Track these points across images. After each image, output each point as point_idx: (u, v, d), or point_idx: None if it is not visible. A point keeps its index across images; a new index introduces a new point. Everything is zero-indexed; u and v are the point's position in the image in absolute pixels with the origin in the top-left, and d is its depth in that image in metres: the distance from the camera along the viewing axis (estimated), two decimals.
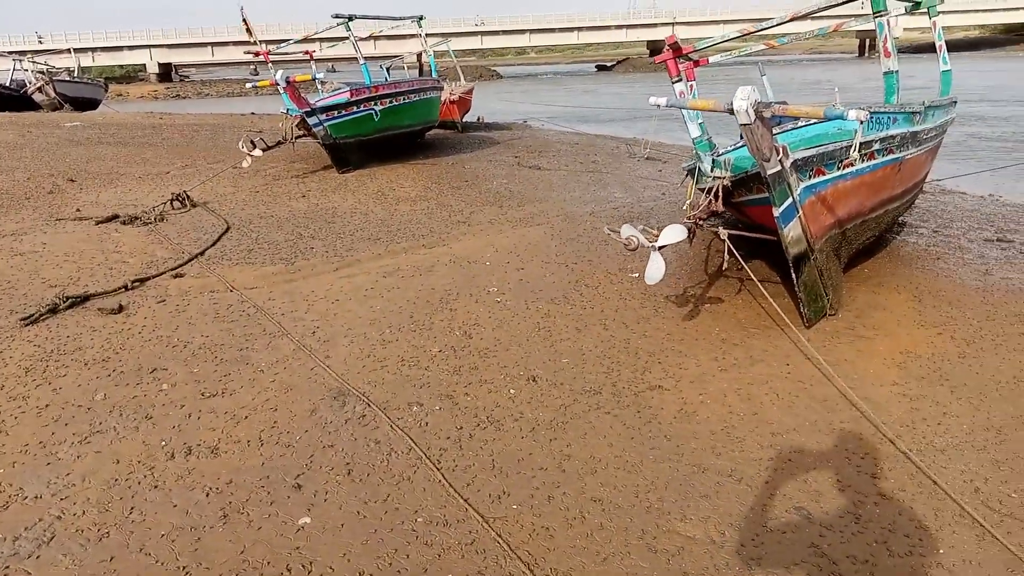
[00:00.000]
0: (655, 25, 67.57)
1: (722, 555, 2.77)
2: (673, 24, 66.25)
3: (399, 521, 3.01)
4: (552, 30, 68.59)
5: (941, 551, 2.77)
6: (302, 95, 11.24)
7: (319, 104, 11.51)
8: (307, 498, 3.18)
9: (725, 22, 63.26)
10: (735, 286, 5.72)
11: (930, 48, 8.22)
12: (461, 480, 3.27)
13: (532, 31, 68.00)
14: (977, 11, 66.81)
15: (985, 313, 5.09)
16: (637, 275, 6.04)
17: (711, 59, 8.18)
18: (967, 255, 6.48)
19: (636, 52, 75.48)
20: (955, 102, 7.30)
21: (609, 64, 74.67)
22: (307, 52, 17.81)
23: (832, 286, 5.07)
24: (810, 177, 4.72)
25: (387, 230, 7.85)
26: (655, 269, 4.58)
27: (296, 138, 11.96)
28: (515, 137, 16.89)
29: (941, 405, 3.85)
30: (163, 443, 3.65)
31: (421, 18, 15.45)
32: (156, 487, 3.29)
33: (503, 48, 76.73)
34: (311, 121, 11.32)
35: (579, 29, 68.66)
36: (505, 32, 67.35)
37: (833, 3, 5.95)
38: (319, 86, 15.25)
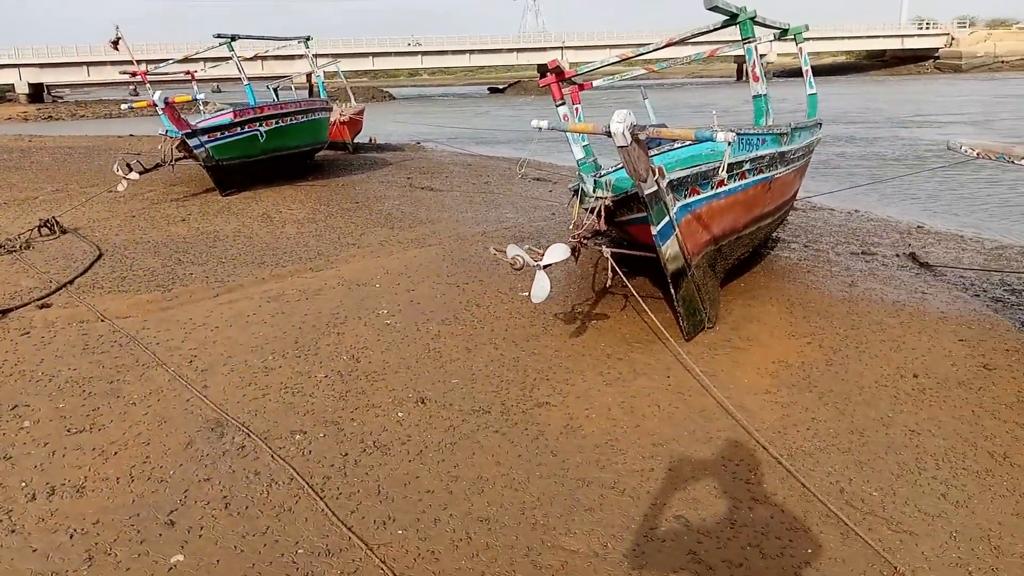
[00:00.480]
0: (545, 49, 68.89)
1: (604, 567, 2.82)
2: (562, 48, 67.76)
3: (279, 554, 2.91)
4: (444, 52, 68.88)
5: (809, 551, 2.91)
6: (182, 116, 10.88)
7: (200, 125, 11.16)
8: (180, 535, 3.04)
9: (612, 47, 65.17)
10: (620, 302, 5.86)
11: (800, 72, 8.74)
12: (345, 508, 3.20)
13: (424, 53, 68.08)
14: (843, 38, 71.50)
15: (850, 322, 5.41)
16: (527, 294, 6.10)
17: (595, 83, 8.43)
18: (835, 268, 6.89)
19: (527, 75, 76.78)
20: (820, 124, 7.78)
21: (501, 86, 75.67)
22: (189, 72, 17.29)
23: (710, 300, 5.27)
24: (686, 196, 4.92)
25: (272, 254, 7.65)
26: (540, 288, 4.65)
27: (176, 160, 11.55)
28: (408, 158, 16.85)
29: (810, 411, 4.06)
30: (23, 484, 3.41)
31: (308, 39, 15.24)
32: (14, 531, 3.07)
33: (396, 69, 76.52)
34: (192, 143, 10.96)
35: (471, 52, 69.24)
36: (397, 54, 67.13)
37: (704, 30, 6.25)
38: (201, 107, 14.78)
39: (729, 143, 4.11)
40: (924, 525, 3.04)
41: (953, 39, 71.12)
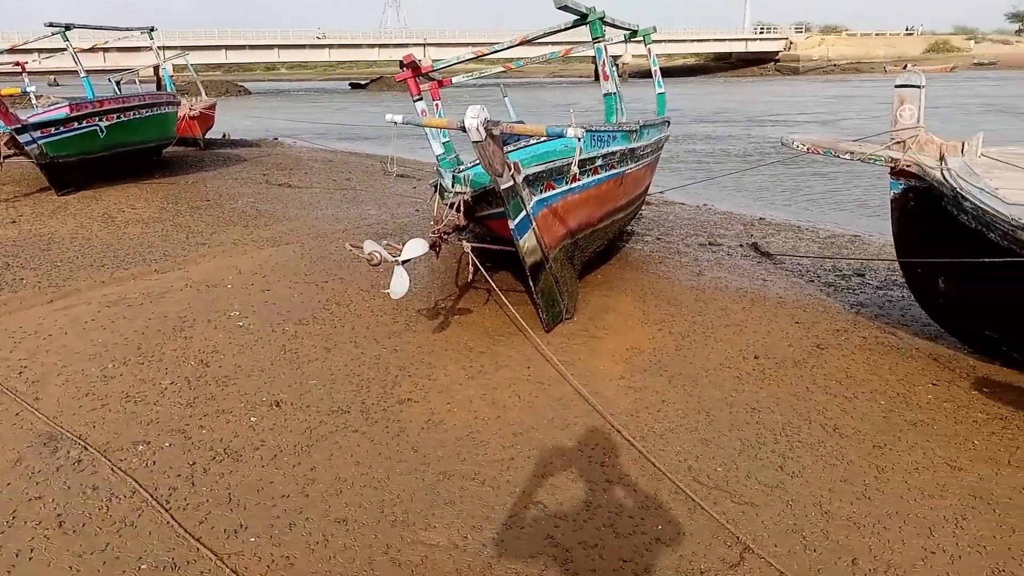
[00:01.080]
0: (407, 45, 68.24)
1: (464, 558, 2.83)
2: (424, 45, 67.44)
3: (119, 571, 2.73)
4: (302, 46, 66.79)
5: (659, 527, 3.04)
6: (10, 111, 10.01)
7: (32, 120, 10.32)
8: (7, 559, 2.80)
9: (474, 44, 65.53)
10: (483, 297, 5.91)
11: (664, 72, 9.10)
12: (193, 518, 3.05)
13: (281, 47, 65.74)
14: (692, 40, 75.17)
15: (698, 309, 5.69)
16: (388, 291, 6.04)
17: (456, 80, 8.44)
18: (684, 259, 7.22)
19: (390, 71, 75.83)
20: (669, 122, 8.13)
21: (363, 82, 74.37)
22: (19, 63, 15.98)
23: (568, 292, 5.40)
24: (542, 191, 5.01)
25: (113, 255, 7.18)
26: (399, 283, 4.61)
27: (5, 158, 10.64)
28: (264, 154, 16.25)
29: (660, 394, 4.24)
30: None
31: (152, 29, 14.42)
32: None
33: (251, 64, 73.49)
34: (23, 139, 10.11)
35: (330, 46, 67.52)
36: (252, 47, 64.47)
37: (555, 29, 6.38)
38: (33, 100, 13.69)
39: (579, 139, 4.22)
40: (764, 496, 3.24)
41: (791, 43, 76.35)
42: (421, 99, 6.56)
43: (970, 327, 4.78)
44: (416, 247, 4.59)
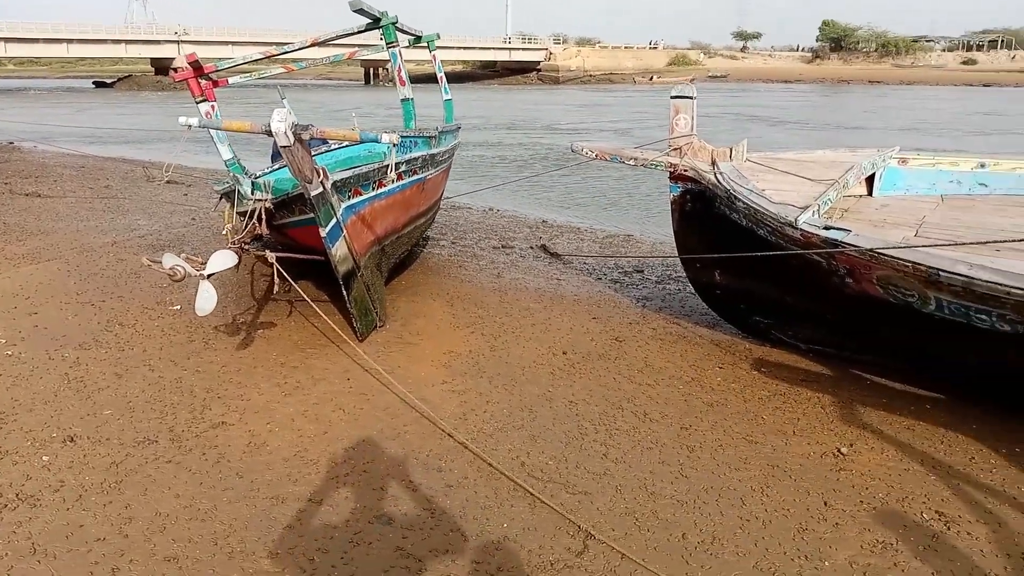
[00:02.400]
0: (159, 42, 63.32)
1: None
2: (179, 42, 62.86)
3: None
4: (34, 40, 59.30)
5: (505, 524, 3.11)
6: None
7: None
8: None
9: (239, 43, 62.19)
10: (286, 309, 5.68)
11: (430, 79, 9.21)
12: None
13: (7, 40, 58.03)
14: (460, 48, 76.89)
15: (504, 310, 5.87)
16: (179, 307, 5.62)
17: (231, 80, 8.00)
18: (482, 262, 7.41)
19: (139, 69, 69.95)
20: (459, 127, 8.29)
21: (109, 80, 68.01)
22: None
23: (379, 299, 5.35)
24: (349, 197, 4.92)
25: None
26: (206, 299, 4.31)
27: None
28: (0, 160, 14.36)
29: (484, 395, 4.33)
30: None
31: None
32: None
33: None
34: None
35: (69, 41, 60.66)
36: None
37: (349, 32, 6.29)
38: None
39: (394, 144, 4.20)
40: (595, 484, 3.43)
41: (551, 54, 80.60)
42: (205, 100, 6.16)
43: (743, 314, 5.37)
44: (222, 259, 4.32)
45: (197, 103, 6.17)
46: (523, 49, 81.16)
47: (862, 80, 67.40)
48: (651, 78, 74.07)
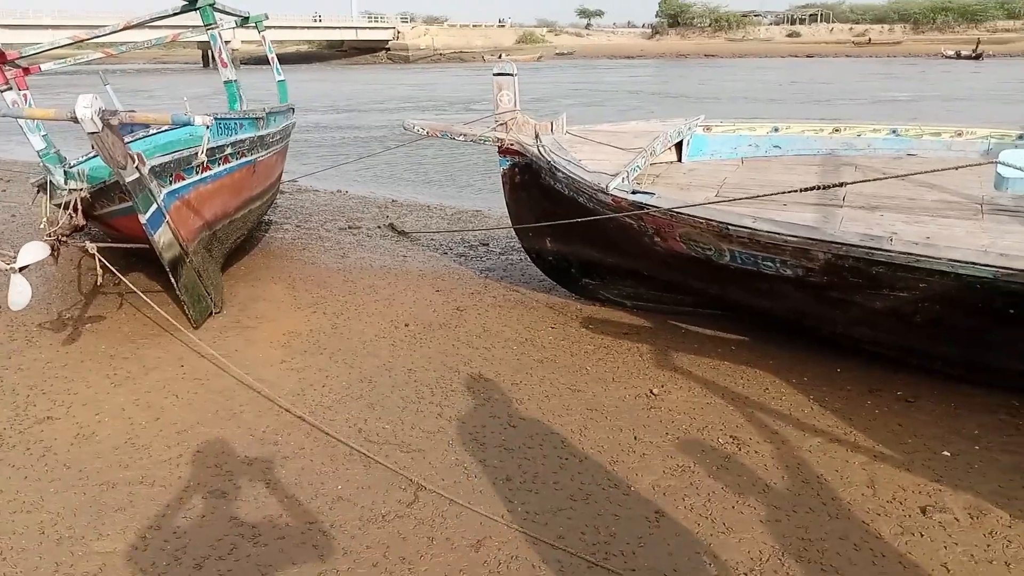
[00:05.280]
0: None
1: (146, 557, 2.77)
2: None
3: None
4: None
5: (340, 486, 3.25)
6: None
7: None
8: None
9: (50, 27, 57.14)
10: (116, 301, 5.50)
11: (281, 60, 9.02)
12: None
13: None
14: (304, 27, 74.44)
15: (348, 289, 5.94)
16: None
17: (44, 67, 7.55)
18: (327, 243, 7.41)
19: None
20: (293, 108, 8.20)
21: None
22: None
23: (213, 285, 5.29)
24: (171, 183, 4.83)
25: None
26: (19, 293, 4.14)
27: None
28: None
29: (323, 371, 4.42)
30: None
31: None
32: None
33: None
34: None
35: None
36: None
37: (164, 14, 6.10)
38: None
39: (208, 127, 4.18)
40: (428, 441, 3.62)
41: (400, 33, 79.56)
42: (10, 88, 5.81)
43: (573, 278, 5.70)
44: (35, 251, 4.16)
45: (2, 92, 5.82)
46: (370, 28, 79.66)
47: (699, 54, 70.76)
48: (500, 56, 74.67)
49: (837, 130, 6.03)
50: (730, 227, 4.06)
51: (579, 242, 5.36)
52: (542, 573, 2.70)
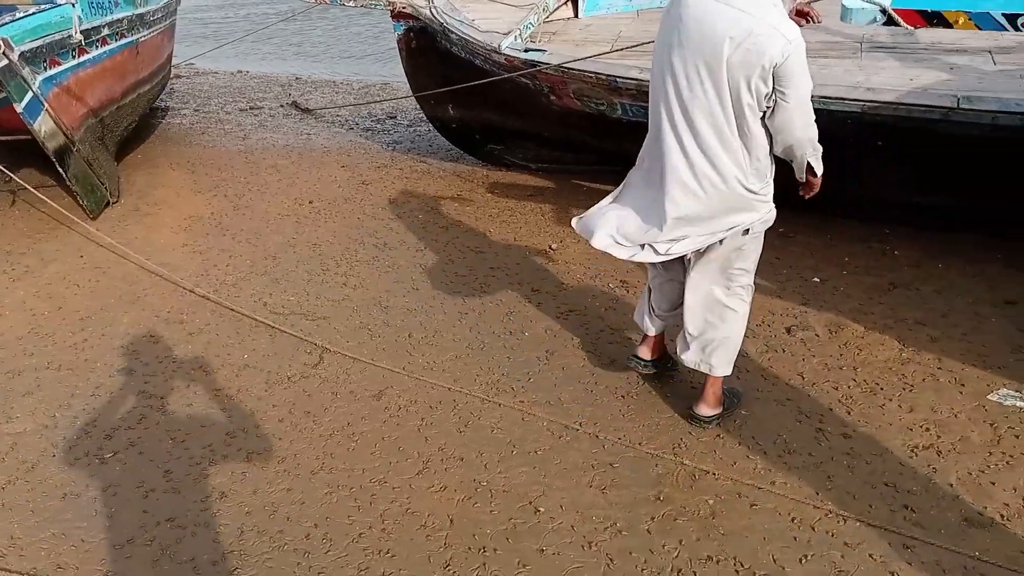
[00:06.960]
0: None
1: (58, 432, 2.88)
2: None
3: None
4: None
5: (245, 356, 3.36)
6: None
7: None
8: None
9: None
10: (8, 199, 5.32)
11: None
12: None
13: None
14: None
15: (250, 170, 5.84)
16: None
17: None
18: (228, 126, 7.19)
19: None
20: None
21: None
22: None
23: (107, 175, 5.14)
24: (46, 69, 4.60)
25: None
26: None
27: None
28: None
29: (227, 251, 4.43)
30: None
31: None
32: None
33: None
34: None
35: None
36: None
37: None
38: None
39: (73, 4, 3.96)
40: (333, 309, 3.74)
41: None
42: None
43: (478, 144, 5.72)
44: None
45: None
46: None
47: None
48: None
49: None
50: (618, 79, 4.12)
51: (480, 106, 5.35)
52: (438, 412, 2.91)
